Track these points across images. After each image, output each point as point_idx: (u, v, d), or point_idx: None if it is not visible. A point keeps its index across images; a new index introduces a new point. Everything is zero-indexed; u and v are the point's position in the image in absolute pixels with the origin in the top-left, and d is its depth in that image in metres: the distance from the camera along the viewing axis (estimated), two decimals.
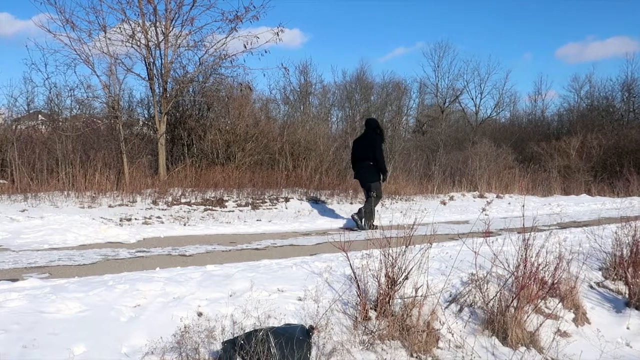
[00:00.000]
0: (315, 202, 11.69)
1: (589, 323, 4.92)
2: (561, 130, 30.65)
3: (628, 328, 4.93)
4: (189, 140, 13.74)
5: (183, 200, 10.46)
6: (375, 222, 8.78)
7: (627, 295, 5.39)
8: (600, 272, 5.85)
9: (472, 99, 38.65)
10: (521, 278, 4.42)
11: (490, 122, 36.51)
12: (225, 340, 3.27)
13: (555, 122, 34.96)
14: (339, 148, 15.89)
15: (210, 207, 10.38)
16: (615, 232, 5.99)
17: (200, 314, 3.71)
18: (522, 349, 4.21)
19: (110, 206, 9.58)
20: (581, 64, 62.28)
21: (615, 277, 5.72)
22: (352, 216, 8.98)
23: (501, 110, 37.84)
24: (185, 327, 3.40)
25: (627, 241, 5.69)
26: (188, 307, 3.75)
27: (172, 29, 12.12)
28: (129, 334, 3.35)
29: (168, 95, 12.22)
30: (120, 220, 8.54)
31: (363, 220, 8.82)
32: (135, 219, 8.79)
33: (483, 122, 36.02)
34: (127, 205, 9.76)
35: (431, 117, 33.29)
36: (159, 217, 9.05)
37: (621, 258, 5.67)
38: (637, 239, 5.57)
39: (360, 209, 8.99)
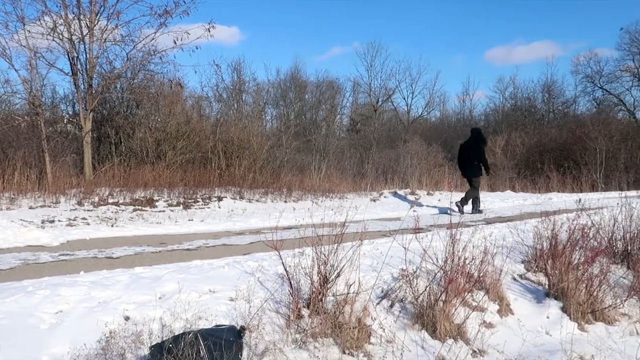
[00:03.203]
0: (248, 200, 11.58)
1: (512, 313, 5.13)
2: (488, 129, 31.92)
3: (548, 317, 5.18)
4: (116, 139, 13.28)
5: (110, 201, 10.10)
6: (481, 207, 11.37)
7: (547, 286, 5.65)
8: (522, 265, 6.11)
9: (404, 99, 39.57)
10: (449, 272, 4.55)
11: (421, 121, 37.57)
12: (152, 344, 3.18)
13: (482, 122, 36.43)
14: (273, 146, 15.81)
15: (140, 207, 10.07)
16: (536, 227, 6.27)
17: (127, 318, 3.58)
18: (450, 341, 4.33)
19: (31, 207, 9.10)
20: (508, 67, 65.11)
21: (536, 269, 5.99)
22: (455, 203, 11.10)
23: (432, 109, 39.05)
24: (111, 333, 3.28)
25: (546, 235, 5.96)
26: (114, 311, 3.62)
27: (98, 22, 11.68)
28: (50, 342, 3.20)
29: (94, 91, 11.76)
30: (42, 222, 8.11)
31: (465, 206, 10.99)
32: (59, 220, 8.38)
33: (414, 121, 36.96)
34: (49, 206, 9.31)
35: (364, 115, 33.73)
36: (84, 219, 8.67)
37: (541, 251, 5.95)
38: (556, 232, 5.86)
39: (462, 198, 11.13)
